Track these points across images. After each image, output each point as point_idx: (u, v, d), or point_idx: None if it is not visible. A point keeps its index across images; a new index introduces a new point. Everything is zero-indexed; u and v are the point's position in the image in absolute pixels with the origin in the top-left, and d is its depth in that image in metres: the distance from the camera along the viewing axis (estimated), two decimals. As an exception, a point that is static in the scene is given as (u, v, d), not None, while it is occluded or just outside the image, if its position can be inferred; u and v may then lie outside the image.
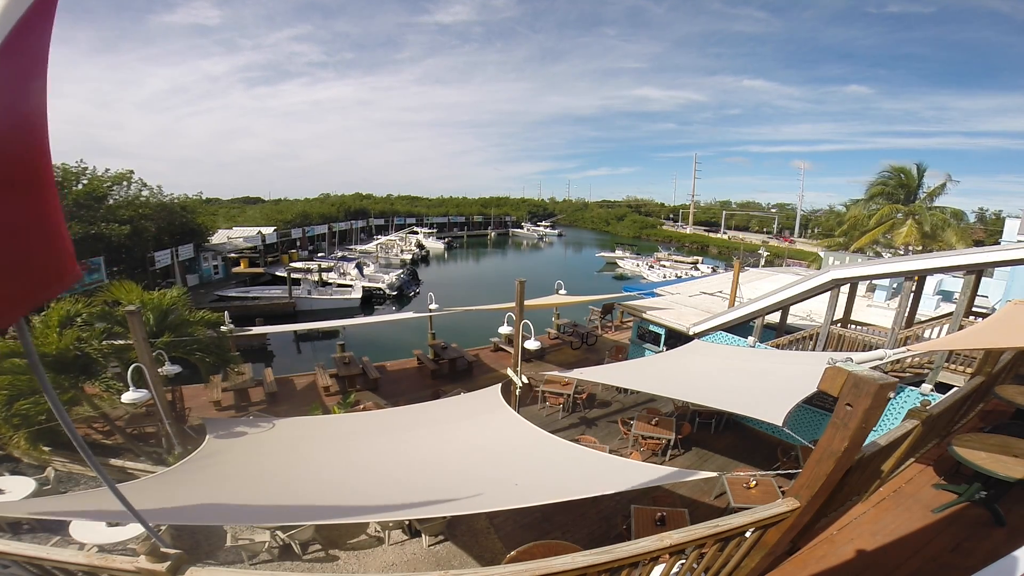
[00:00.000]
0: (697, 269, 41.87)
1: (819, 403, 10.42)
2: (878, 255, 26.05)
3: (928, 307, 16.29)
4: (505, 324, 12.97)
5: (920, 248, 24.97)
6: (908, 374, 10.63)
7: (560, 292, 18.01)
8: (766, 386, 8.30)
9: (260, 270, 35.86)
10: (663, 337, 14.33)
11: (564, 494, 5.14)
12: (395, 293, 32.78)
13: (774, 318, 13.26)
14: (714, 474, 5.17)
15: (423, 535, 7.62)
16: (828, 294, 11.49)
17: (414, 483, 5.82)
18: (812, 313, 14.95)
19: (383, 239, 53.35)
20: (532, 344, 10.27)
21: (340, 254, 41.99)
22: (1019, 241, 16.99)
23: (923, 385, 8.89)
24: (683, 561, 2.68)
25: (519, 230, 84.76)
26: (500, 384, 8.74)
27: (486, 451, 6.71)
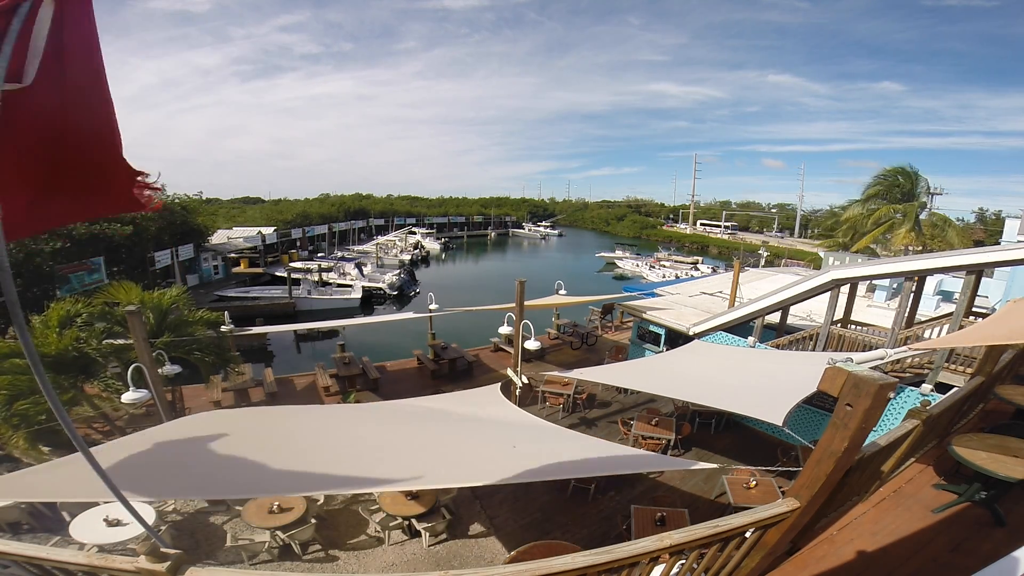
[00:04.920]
0: (697, 269, 41.88)
1: (819, 403, 10.42)
2: (875, 255, 26.09)
3: (928, 307, 16.27)
4: (505, 324, 12.98)
5: (920, 249, 24.97)
6: (908, 374, 10.63)
7: (560, 292, 18.02)
8: (766, 386, 8.30)
9: (260, 270, 35.87)
10: (663, 337, 14.33)
11: (563, 470, 4.98)
12: (395, 293, 32.79)
13: (774, 318, 13.26)
14: (713, 466, 5.15)
15: (423, 535, 7.62)
16: (828, 294, 11.49)
17: (410, 457, 5.65)
18: (812, 313, 14.94)
19: (381, 239, 53.38)
20: (532, 344, 10.27)
21: (339, 254, 42.02)
22: (1019, 241, 17.00)
23: (923, 385, 8.87)
24: (683, 561, 2.68)
25: (519, 230, 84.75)
26: (500, 384, 8.75)
27: (485, 431, 6.62)
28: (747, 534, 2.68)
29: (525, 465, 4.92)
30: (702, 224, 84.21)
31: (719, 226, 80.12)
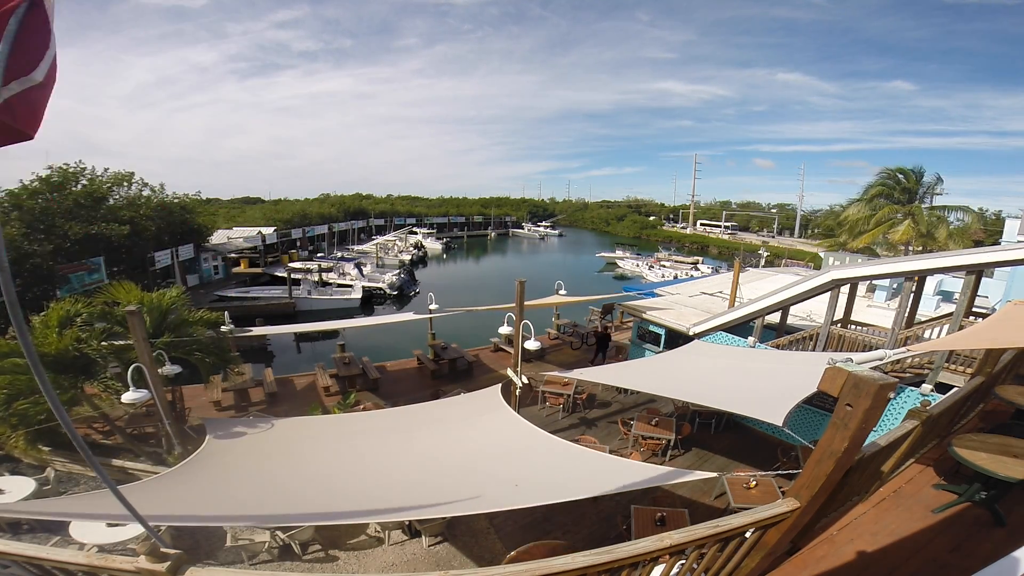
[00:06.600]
0: (697, 269, 41.89)
1: (819, 403, 10.42)
2: (875, 255, 26.08)
3: (928, 307, 16.28)
4: (505, 324, 12.97)
5: (920, 248, 24.97)
6: (908, 374, 10.63)
7: (560, 292, 18.02)
8: (766, 386, 8.30)
9: (260, 270, 35.87)
10: (663, 337, 14.33)
11: (564, 494, 5.14)
12: (395, 293, 32.78)
13: (774, 318, 13.26)
14: (714, 474, 5.16)
15: (423, 535, 7.62)
16: (828, 294, 11.49)
17: (414, 484, 5.82)
18: (812, 313, 14.95)
19: (381, 239, 53.36)
20: (532, 344, 10.26)
21: (339, 254, 42.03)
22: (1019, 241, 16.99)
23: (923, 385, 8.88)
24: (683, 561, 2.68)
25: (519, 230, 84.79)
26: (500, 384, 8.74)
27: (486, 452, 6.71)
28: (747, 534, 2.68)
29: (526, 499, 5.08)
30: (702, 224, 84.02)
31: (719, 226, 79.98)
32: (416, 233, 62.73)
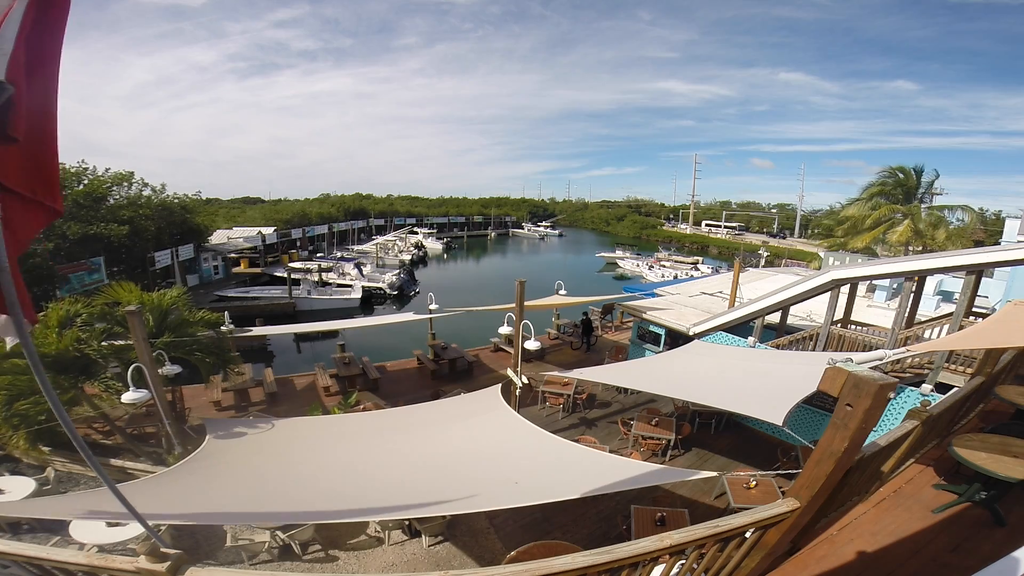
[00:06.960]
0: (697, 269, 41.88)
1: (819, 403, 10.42)
2: (875, 255, 26.10)
3: (928, 307, 16.28)
4: (505, 324, 12.97)
5: (920, 248, 24.96)
6: (908, 374, 10.62)
7: (560, 292, 18.01)
8: (766, 386, 8.30)
9: (260, 270, 35.88)
10: (663, 337, 14.33)
11: (564, 494, 5.13)
12: (395, 293, 32.77)
13: (774, 318, 13.25)
14: (714, 474, 5.16)
15: (423, 535, 7.62)
16: (828, 294, 11.49)
17: (414, 483, 5.82)
18: (812, 313, 14.94)
19: (381, 239, 53.35)
20: (532, 344, 10.26)
21: (339, 254, 42.04)
22: (1019, 241, 16.99)
23: (923, 385, 8.86)
24: (683, 561, 2.68)
25: (519, 230, 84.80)
26: (500, 384, 8.74)
27: (486, 452, 6.71)
28: (747, 534, 2.68)
29: (526, 498, 5.06)
30: (706, 224, 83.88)
31: (720, 226, 79.89)
32: (416, 233, 62.78)
